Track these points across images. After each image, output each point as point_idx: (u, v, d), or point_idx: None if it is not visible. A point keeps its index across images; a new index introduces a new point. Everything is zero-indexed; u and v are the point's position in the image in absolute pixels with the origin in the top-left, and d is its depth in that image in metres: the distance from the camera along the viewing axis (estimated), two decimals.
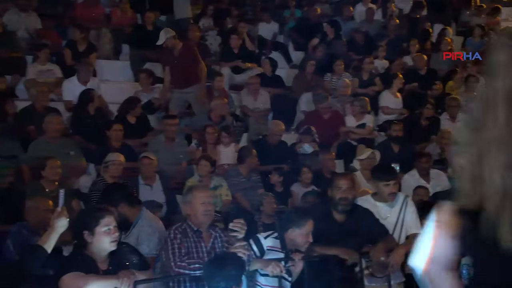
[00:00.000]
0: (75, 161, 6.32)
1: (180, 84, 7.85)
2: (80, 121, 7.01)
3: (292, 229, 3.88)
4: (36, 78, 7.68)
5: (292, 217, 3.98)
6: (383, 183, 4.27)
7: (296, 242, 3.90)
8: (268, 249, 3.92)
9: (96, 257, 3.35)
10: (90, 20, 9.24)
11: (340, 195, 4.04)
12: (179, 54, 7.74)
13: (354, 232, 4.03)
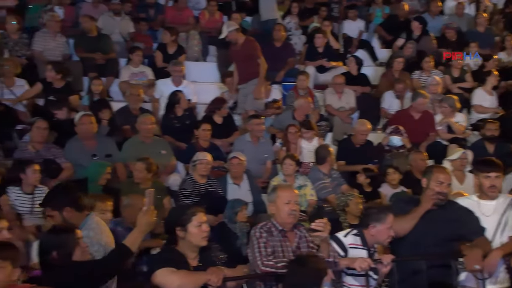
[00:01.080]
0: (166, 160, 6.55)
1: (240, 79, 7.91)
2: (169, 121, 7.26)
3: (373, 224, 3.83)
4: (129, 80, 8.05)
5: (371, 213, 3.92)
6: (484, 175, 4.05)
7: (378, 237, 3.85)
8: (350, 247, 3.88)
9: (187, 254, 3.44)
10: (180, 23, 9.57)
11: (439, 189, 3.93)
12: (240, 48, 7.78)
13: (445, 228, 3.90)
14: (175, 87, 7.71)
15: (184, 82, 7.93)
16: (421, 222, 3.94)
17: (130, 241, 3.28)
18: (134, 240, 3.29)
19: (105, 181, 5.62)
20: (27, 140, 6.24)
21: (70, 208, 3.58)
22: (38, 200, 5.37)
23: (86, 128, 6.22)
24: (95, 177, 5.59)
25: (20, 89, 7.11)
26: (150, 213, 3.30)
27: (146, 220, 3.30)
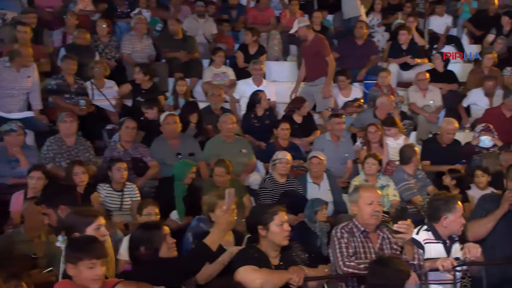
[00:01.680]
0: (246, 159, 6.63)
1: (307, 77, 7.82)
2: (250, 121, 7.34)
3: (445, 216, 3.72)
4: (211, 81, 8.22)
5: (439, 204, 3.80)
6: None
7: (451, 228, 3.74)
8: (425, 243, 3.78)
9: (268, 252, 3.46)
10: (261, 23, 9.66)
11: None
12: (309, 44, 7.69)
13: None
14: (256, 87, 7.79)
15: (264, 82, 7.99)
16: (499, 225, 3.75)
17: (210, 240, 3.29)
18: (214, 239, 3.29)
19: (190, 180, 5.75)
20: (116, 139, 6.52)
21: (65, 207, 3.53)
22: (126, 197, 5.60)
23: (171, 128, 6.40)
24: (181, 176, 5.72)
25: (110, 90, 7.41)
26: (230, 212, 3.29)
27: (226, 219, 3.28)
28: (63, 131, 6.01)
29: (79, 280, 2.91)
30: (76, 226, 3.25)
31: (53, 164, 5.83)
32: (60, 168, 5.83)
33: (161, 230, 3.38)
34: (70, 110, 6.45)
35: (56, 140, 5.99)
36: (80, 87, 7.10)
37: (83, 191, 5.32)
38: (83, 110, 6.73)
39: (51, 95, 6.96)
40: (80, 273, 2.90)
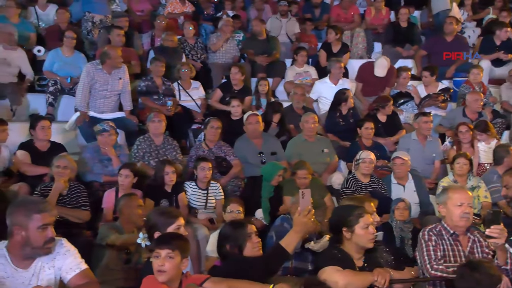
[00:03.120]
0: (328, 159, 6.56)
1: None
2: (334, 119, 7.26)
3: None
4: (293, 80, 8.23)
5: None
6: None
7: None
8: None
9: (352, 254, 3.41)
10: (345, 21, 9.55)
11: None
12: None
13: None
14: (334, 86, 7.69)
15: (341, 81, 7.85)
16: None
17: (286, 242, 3.26)
18: (290, 241, 3.25)
19: (277, 182, 5.75)
20: (201, 139, 6.67)
21: None
22: (211, 195, 5.71)
23: (254, 127, 6.46)
24: (269, 177, 5.74)
25: (196, 91, 7.58)
26: (305, 214, 3.24)
27: (302, 221, 3.23)
28: (152, 130, 6.22)
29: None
30: (158, 225, 3.36)
31: (142, 162, 6.04)
32: (148, 166, 6.04)
33: (245, 229, 3.41)
34: (159, 110, 6.68)
35: (145, 139, 6.21)
36: (167, 88, 7.33)
37: (170, 190, 5.50)
38: (170, 111, 6.94)
39: (140, 96, 7.23)
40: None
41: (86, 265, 3.02)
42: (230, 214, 4.97)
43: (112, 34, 7.52)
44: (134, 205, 4.74)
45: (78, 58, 7.41)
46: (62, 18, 8.01)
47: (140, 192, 5.32)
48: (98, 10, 8.17)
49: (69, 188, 5.20)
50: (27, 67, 7.31)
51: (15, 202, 3.06)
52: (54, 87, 7.10)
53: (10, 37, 7.09)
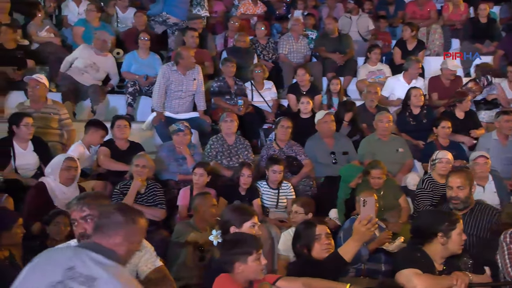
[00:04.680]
0: (402, 158, 6.42)
1: None
2: (403, 119, 7.10)
3: None
4: (366, 79, 8.10)
5: None
6: None
7: None
8: None
9: (436, 258, 3.33)
10: (421, 17, 9.31)
11: None
12: None
13: None
14: (407, 84, 7.50)
15: (414, 80, 7.61)
16: None
17: (344, 249, 3.19)
18: (348, 249, 3.18)
19: (355, 184, 5.67)
20: (272, 138, 6.70)
21: None
22: (282, 195, 5.73)
23: (328, 126, 6.42)
24: (349, 178, 5.69)
25: (268, 92, 7.63)
26: (364, 223, 3.12)
27: (361, 230, 3.13)
28: (224, 130, 6.32)
29: (245, 275, 3.01)
30: (234, 221, 3.39)
31: (215, 161, 6.15)
32: (221, 165, 6.15)
33: (314, 229, 3.40)
34: (230, 110, 6.77)
35: (218, 139, 6.32)
36: (239, 88, 7.43)
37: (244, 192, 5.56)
38: (241, 110, 7.02)
39: (213, 96, 7.37)
40: (249, 267, 2.99)
41: (161, 262, 3.11)
42: (294, 214, 4.99)
43: (187, 36, 7.71)
44: (208, 203, 4.84)
45: (154, 59, 7.64)
46: (140, 21, 8.27)
47: (213, 191, 5.42)
48: (177, 14, 8.39)
49: (147, 187, 5.36)
50: (114, 73, 7.61)
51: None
52: (133, 88, 7.36)
53: (104, 44, 7.41)
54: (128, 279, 2.32)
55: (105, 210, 2.53)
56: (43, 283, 2.23)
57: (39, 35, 7.81)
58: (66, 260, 2.29)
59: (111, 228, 2.41)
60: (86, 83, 7.23)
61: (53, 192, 4.92)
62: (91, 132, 5.87)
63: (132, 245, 2.45)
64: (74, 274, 2.24)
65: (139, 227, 2.48)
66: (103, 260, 2.31)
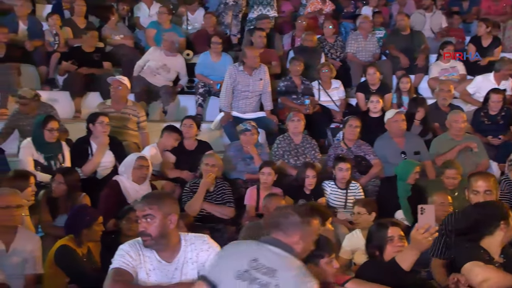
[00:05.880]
0: (477, 159, 6.19)
1: None
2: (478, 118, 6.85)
3: None
4: (438, 76, 7.87)
5: None
6: None
7: None
8: None
9: (494, 250, 3.24)
10: (496, 13, 8.96)
11: None
12: None
13: None
14: (495, 85, 7.22)
15: (503, 81, 7.31)
16: None
17: (401, 257, 3.10)
18: (406, 257, 3.07)
19: (413, 180, 5.59)
20: (340, 138, 6.64)
21: None
22: (350, 195, 5.67)
23: (397, 126, 6.29)
24: (404, 175, 5.60)
25: (336, 91, 7.55)
26: (423, 232, 2.98)
27: (417, 239, 3.00)
28: (291, 130, 6.32)
29: (316, 277, 3.00)
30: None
31: (282, 161, 6.17)
32: (288, 164, 6.15)
33: (385, 231, 3.34)
34: (297, 110, 6.76)
35: (285, 138, 6.32)
36: (306, 87, 7.41)
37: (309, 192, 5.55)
38: (308, 109, 7.00)
39: (280, 96, 7.38)
40: (320, 270, 3.00)
41: None
42: (356, 215, 4.92)
43: (254, 36, 7.77)
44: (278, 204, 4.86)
45: (226, 61, 7.67)
46: (209, 22, 8.40)
47: (280, 190, 5.44)
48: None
49: (216, 185, 5.44)
50: (184, 73, 7.75)
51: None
52: (203, 89, 7.48)
53: (172, 45, 7.59)
54: (304, 274, 2.57)
55: (284, 210, 2.80)
56: (231, 270, 2.59)
57: (114, 38, 8.09)
58: (251, 252, 2.63)
59: (289, 228, 2.68)
60: (158, 84, 7.42)
61: (126, 190, 5.08)
62: (165, 136, 6.00)
63: (307, 244, 2.73)
64: (258, 265, 2.57)
65: (314, 228, 2.78)
66: (282, 254, 2.61)
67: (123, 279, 2.84)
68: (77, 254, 3.96)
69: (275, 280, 2.52)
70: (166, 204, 2.95)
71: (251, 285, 2.54)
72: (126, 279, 2.85)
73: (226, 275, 2.60)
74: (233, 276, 2.57)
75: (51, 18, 7.74)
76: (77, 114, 7.04)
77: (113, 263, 2.91)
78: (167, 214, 2.92)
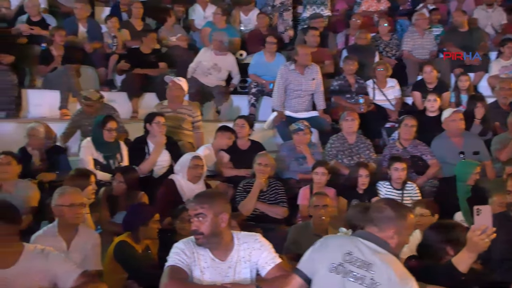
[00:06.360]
0: None
1: None
2: None
3: None
4: (499, 74, 7.63)
5: None
6: None
7: None
8: None
9: None
10: None
11: None
12: None
13: None
14: None
15: None
16: None
17: (457, 259, 2.98)
18: (461, 259, 2.95)
19: (473, 181, 5.44)
20: (395, 137, 6.53)
21: None
22: (407, 196, 5.56)
23: (455, 125, 6.15)
24: (463, 176, 5.46)
25: (391, 90, 7.43)
26: (480, 233, 2.87)
27: (473, 241, 2.89)
28: (345, 129, 6.27)
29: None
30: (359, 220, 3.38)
31: (336, 161, 6.12)
32: (341, 164, 6.10)
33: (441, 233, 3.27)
34: (351, 109, 6.70)
35: (339, 138, 6.28)
36: (360, 86, 7.33)
37: (362, 192, 5.50)
38: (363, 108, 6.92)
39: (333, 95, 7.33)
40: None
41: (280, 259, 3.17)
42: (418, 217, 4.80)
43: (308, 35, 7.75)
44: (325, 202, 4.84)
45: (279, 61, 7.66)
46: (262, 22, 8.43)
47: (333, 191, 5.41)
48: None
49: (269, 185, 5.46)
50: (236, 71, 7.81)
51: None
52: (256, 89, 7.53)
53: (221, 44, 7.67)
54: (400, 267, 2.59)
55: (377, 205, 2.78)
56: (325, 263, 2.63)
57: (170, 40, 8.23)
58: (345, 246, 2.65)
59: (383, 222, 2.67)
60: (210, 85, 7.51)
61: (182, 189, 5.17)
62: (219, 136, 6.06)
63: (402, 238, 2.69)
64: (352, 258, 2.60)
65: (409, 222, 2.71)
66: (377, 248, 2.62)
67: (179, 277, 2.89)
68: (135, 250, 4.05)
69: (371, 274, 2.54)
70: (217, 203, 2.99)
71: (345, 278, 2.57)
72: (181, 277, 2.90)
73: (320, 268, 2.64)
74: (327, 269, 2.61)
75: (110, 21, 7.96)
76: (134, 114, 7.22)
77: (169, 261, 2.97)
78: (218, 213, 2.96)
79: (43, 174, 5.32)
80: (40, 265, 2.85)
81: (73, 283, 2.87)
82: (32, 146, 5.52)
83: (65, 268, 2.92)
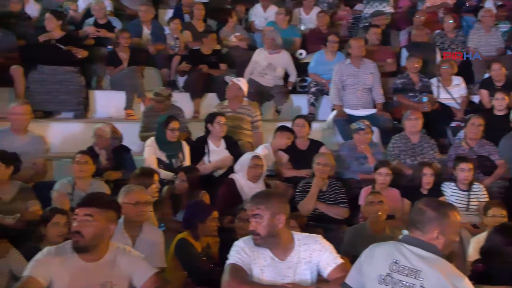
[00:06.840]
0: None
1: None
2: None
3: None
4: None
5: None
6: None
7: None
8: None
9: None
10: None
11: None
12: None
13: None
14: None
15: None
16: None
17: None
18: None
19: None
20: (461, 137, 6.34)
21: None
22: (473, 197, 5.40)
23: None
24: None
25: (457, 88, 7.24)
26: None
27: None
28: (408, 128, 6.14)
29: None
30: None
31: (398, 161, 6.01)
32: (404, 165, 5.98)
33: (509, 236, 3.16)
34: (414, 108, 6.55)
35: (401, 137, 6.15)
36: (424, 84, 7.17)
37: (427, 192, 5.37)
38: (426, 107, 6.76)
39: (396, 93, 7.19)
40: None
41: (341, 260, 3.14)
42: (492, 218, 4.63)
43: (369, 33, 7.67)
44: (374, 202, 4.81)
45: (340, 59, 7.56)
46: (322, 21, 8.38)
47: (397, 191, 5.31)
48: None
49: (329, 185, 5.41)
50: (292, 68, 7.79)
51: None
52: (316, 88, 7.49)
53: (273, 42, 7.66)
54: (449, 269, 2.53)
55: (417, 207, 2.70)
56: (373, 275, 2.63)
57: (230, 40, 8.31)
58: (391, 255, 2.62)
59: (426, 224, 2.60)
60: (268, 84, 7.53)
61: (242, 188, 5.22)
62: (278, 136, 6.05)
63: (448, 238, 2.61)
64: (399, 267, 2.57)
65: (453, 220, 2.62)
66: (423, 254, 2.55)
67: (240, 275, 2.91)
68: (194, 248, 4.11)
69: (419, 281, 2.50)
70: (273, 204, 2.99)
71: None
72: (242, 275, 2.93)
73: (368, 281, 2.64)
74: (376, 281, 2.60)
75: (172, 23, 8.13)
76: (195, 115, 7.34)
77: (229, 259, 3.00)
78: (274, 213, 2.96)
79: (110, 173, 5.49)
80: (123, 261, 2.95)
81: (147, 281, 2.95)
82: (99, 146, 5.70)
83: (142, 266, 3.01)
